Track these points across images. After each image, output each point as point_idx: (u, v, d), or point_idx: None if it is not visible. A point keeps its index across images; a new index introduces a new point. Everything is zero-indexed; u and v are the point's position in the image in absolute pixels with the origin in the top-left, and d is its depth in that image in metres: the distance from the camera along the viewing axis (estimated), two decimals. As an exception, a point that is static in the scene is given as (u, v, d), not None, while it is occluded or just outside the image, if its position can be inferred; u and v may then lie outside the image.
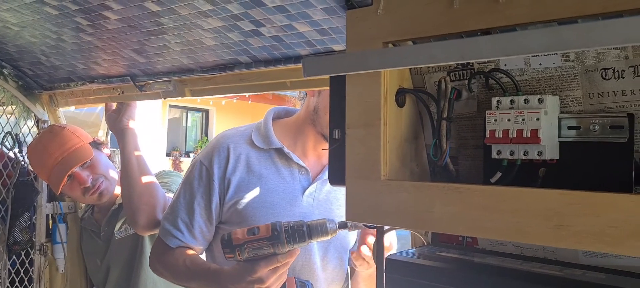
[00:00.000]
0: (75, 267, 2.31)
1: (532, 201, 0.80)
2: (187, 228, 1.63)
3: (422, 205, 0.91)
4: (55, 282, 2.31)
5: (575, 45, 0.58)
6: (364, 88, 0.99)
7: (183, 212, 1.63)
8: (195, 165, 1.66)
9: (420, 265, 0.99)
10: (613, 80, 0.93)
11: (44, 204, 2.23)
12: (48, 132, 2.03)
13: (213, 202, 1.60)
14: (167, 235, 1.65)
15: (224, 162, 1.60)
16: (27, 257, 2.23)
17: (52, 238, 2.26)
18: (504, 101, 0.99)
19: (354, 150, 1.01)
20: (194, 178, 1.64)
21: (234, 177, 1.59)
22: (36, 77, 2.07)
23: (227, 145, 1.62)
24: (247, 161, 1.61)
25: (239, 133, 1.66)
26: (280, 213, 1.57)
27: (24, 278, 2.23)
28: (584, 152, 0.96)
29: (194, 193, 1.62)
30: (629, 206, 0.72)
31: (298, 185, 1.61)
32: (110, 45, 1.55)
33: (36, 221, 2.22)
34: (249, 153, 1.62)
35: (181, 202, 1.65)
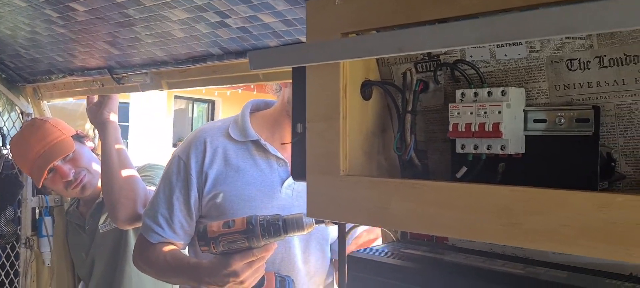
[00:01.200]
0: (62, 261, 2.30)
1: (485, 198, 0.77)
2: (167, 223, 1.61)
3: (379, 201, 0.89)
4: (42, 275, 2.30)
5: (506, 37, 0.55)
6: (323, 81, 0.96)
7: (163, 207, 1.62)
8: (174, 159, 1.64)
9: (380, 263, 0.96)
10: (579, 72, 0.90)
11: (29, 197, 2.22)
12: (30, 126, 2.02)
13: (191, 196, 1.59)
14: (147, 230, 1.64)
15: (201, 156, 1.58)
16: (13, 250, 2.22)
17: (38, 231, 2.25)
18: (468, 93, 0.95)
19: (313, 145, 0.98)
20: (172, 173, 1.62)
21: (211, 170, 1.57)
22: (18, 70, 2.06)
23: (204, 138, 1.60)
24: (224, 154, 1.59)
25: (216, 126, 1.64)
26: (259, 206, 1.55)
27: (10, 272, 2.23)
28: (550, 146, 0.93)
29: (173, 188, 1.60)
30: (582, 204, 0.69)
31: (276, 177, 1.58)
32: (83, 37, 1.52)
33: (21, 215, 2.21)
34: (227, 146, 1.59)
35: (161, 197, 1.63)
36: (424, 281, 0.91)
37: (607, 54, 0.86)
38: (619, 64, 0.86)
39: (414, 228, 0.87)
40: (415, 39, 0.60)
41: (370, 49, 0.64)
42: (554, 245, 0.71)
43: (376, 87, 1.10)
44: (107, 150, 1.85)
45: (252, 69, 0.77)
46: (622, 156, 0.90)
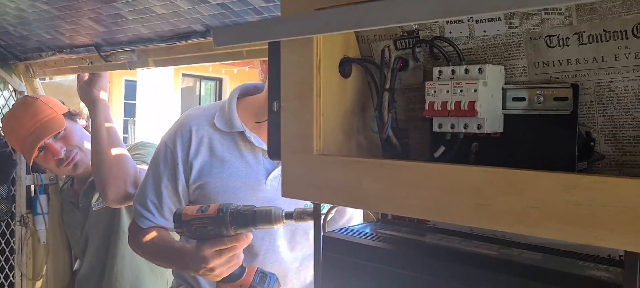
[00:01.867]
0: (57, 239, 2.32)
1: (456, 178, 0.75)
2: (157, 209, 1.61)
3: (352, 181, 0.87)
4: (38, 253, 2.32)
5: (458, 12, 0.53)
6: (296, 58, 0.94)
7: (152, 194, 1.62)
8: (161, 146, 1.63)
9: (355, 243, 0.95)
10: (558, 48, 0.87)
11: (23, 176, 2.23)
12: (21, 104, 2.01)
13: (179, 184, 1.58)
14: (138, 216, 1.65)
15: (187, 145, 1.56)
16: (8, 228, 2.23)
17: (33, 209, 2.26)
18: (445, 71, 0.93)
19: (287, 123, 0.97)
20: (160, 160, 1.61)
21: (196, 160, 1.56)
22: (10, 48, 2.05)
23: (190, 127, 1.57)
24: (209, 144, 1.56)
25: (203, 114, 1.61)
26: (243, 198, 1.54)
27: (5, 249, 2.24)
28: (529, 125, 0.91)
29: (161, 176, 1.60)
30: (550, 185, 0.67)
31: (262, 169, 1.56)
32: (68, 13, 1.51)
33: (16, 192, 2.22)
34: (212, 135, 1.57)
35: (150, 184, 1.63)
36: (396, 262, 0.90)
37: (586, 30, 0.83)
38: (599, 40, 0.83)
39: (385, 209, 0.86)
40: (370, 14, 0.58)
41: (326, 25, 0.62)
42: (522, 227, 0.69)
43: (356, 64, 1.08)
44: (96, 128, 1.84)
45: (216, 46, 0.75)
46: (602, 136, 0.87)
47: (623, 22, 0.80)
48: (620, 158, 0.87)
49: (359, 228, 1.06)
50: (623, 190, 0.62)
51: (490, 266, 0.82)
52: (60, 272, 2.34)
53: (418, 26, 0.98)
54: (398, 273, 0.90)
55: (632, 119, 0.84)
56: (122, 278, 2.05)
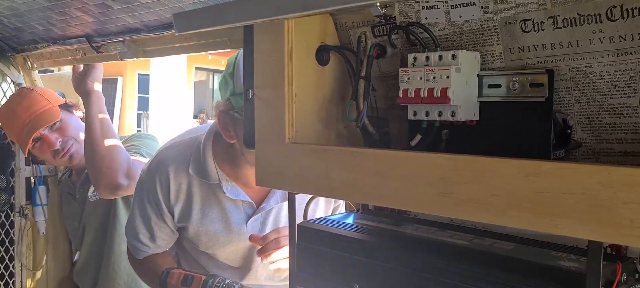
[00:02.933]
0: (57, 230, 2.33)
1: (421, 167, 0.73)
2: (150, 240, 1.62)
3: (322, 170, 0.86)
4: (38, 243, 2.34)
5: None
6: (267, 45, 0.92)
7: (143, 229, 1.61)
8: (144, 185, 1.60)
9: (327, 233, 0.93)
10: (533, 33, 0.85)
11: (22, 167, 2.24)
12: (17, 95, 2.02)
13: (167, 221, 1.58)
14: (133, 249, 1.66)
15: (167, 191, 1.54)
16: (7, 219, 2.25)
17: (33, 200, 2.28)
18: (419, 57, 0.91)
19: (261, 112, 0.95)
20: (145, 200, 1.59)
21: (176, 206, 1.55)
22: (6, 40, 2.05)
23: (168, 172, 1.54)
24: (188, 191, 1.54)
25: (180, 157, 1.55)
26: (224, 241, 1.54)
27: (5, 240, 2.26)
28: (505, 113, 0.89)
29: (149, 215, 1.59)
30: (511, 172, 0.65)
31: (242, 215, 1.54)
32: (56, 4, 1.51)
33: (15, 184, 2.24)
34: (190, 182, 1.53)
35: (139, 220, 1.62)
36: (368, 252, 0.88)
37: (560, 14, 0.81)
38: (573, 24, 0.80)
39: (354, 198, 0.84)
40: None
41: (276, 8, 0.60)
42: (484, 216, 0.67)
43: (335, 52, 1.06)
44: (90, 119, 1.85)
45: (177, 32, 0.74)
46: (578, 123, 0.85)
47: (596, 5, 0.77)
48: (597, 146, 0.84)
49: (337, 218, 1.05)
50: (583, 176, 0.60)
51: (459, 257, 0.80)
52: (60, 262, 2.36)
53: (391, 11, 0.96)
54: (369, 263, 0.89)
55: (608, 106, 0.81)
56: (119, 268, 2.05)
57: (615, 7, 0.76)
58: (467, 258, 0.78)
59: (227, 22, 0.71)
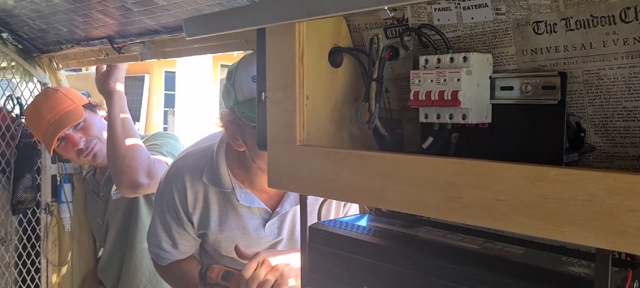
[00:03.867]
0: (82, 226, 2.38)
1: (428, 170, 0.73)
2: (173, 247, 1.64)
3: (331, 172, 0.86)
4: (64, 239, 2.39)
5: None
6: (279, 48, 0.93)
7: (165, 237, 1.63)
8: (162, 196, 1.62)
9: (337, 235, 0.94)
10: (545, 35, 0.83)
11: (48, 165, 2.29)
12: (42, 95, 2.07)
13: (187, 229, 1.60)
14: (156, 257, 1.69)
15: (184, 200, 1.56)
16: (34, 215, 2.31)
17: (58, 198, 2.33)
18: (430, 60, 0.91)
19: (272, 114, 0.96)
20: (165, 210, 1.61)
21: (194, 215, 1.57)
22: (32, 41, 2.11)
23: (184, 182, 1.56)
24: (205, 199, 1.56)
25: (195, 166, 1.57)
26: (244, 246, 1.53)
27: (31, 236, 2.32)
28: (517, 115, 0.88)
29: (169, 224, 1.61)
30: (516, 177, 0.64)
31: (258, 220, 1.56)
32: (78, 6, 1.54)
33: (41, 181, 2.29)
34: (207, 190, 1.55)
35: (160, 229, 1.64)
36: (378, 255, 0.88)
37: (573, 16, 0.80)
38: (586, 26, 0.79)
39: (362, 201, 0.84)
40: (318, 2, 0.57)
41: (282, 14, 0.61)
42: (490, 221, 0.67)
43: (347, 54, 1.06)
44: (112, 119, 1.88)
45: (187, 37, 0.75)
46: (592, 126, 0.84)
47: (610, 6, 0.76)
48: (611, 150, 0.83)
49: (350, 220, 1.05)
50: (588, 183, 0.59)
51: (468, 261, 0.80)
52: (84, 258, 2.41)
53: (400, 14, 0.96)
54: (380, 266, 0.89)
55: (622, 109, 0.80)
56: (141, 265, 2.09)
57: (630, 8, 0.75)
58: (477, 262, 0.77)
59: (233, 27, 0.71)
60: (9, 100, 2.23)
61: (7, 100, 2.23)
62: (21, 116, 2.22)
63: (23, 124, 2.20)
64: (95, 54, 1.92)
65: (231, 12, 0.72)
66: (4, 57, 2.16)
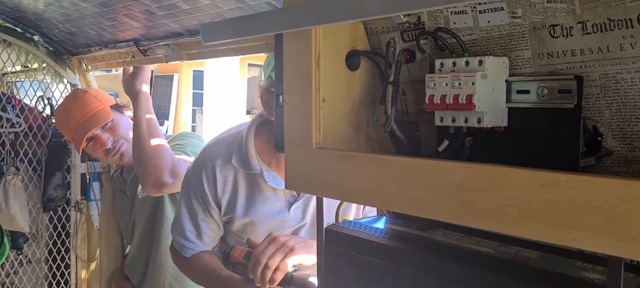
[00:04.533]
0: (110, 223, 2.44)
1: (439, 174, 0.73)
2: (197, 238, 1.66)
3: (346, 175, 0.87)
4: (92, 236, 2.45)
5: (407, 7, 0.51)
6: (295, 52, 0.94)
7: (190, 225, 1.65)
8: (190, 183, 1.65)
9: (354, 237, 0.95)
10: (562, 39, 0.83)
11: (78, 164, 2.36)
12: (71, 96, 2.13)
13: (213, 215, 1.63)
14: (179, 246, 1.70)
15: (213, 184, 1.58)
16: (64, 213, 2.37)
17: (87, 195, 2.39)
18: (446, 63, 0.91)
19: (289, 117, 0.98)
20: (192, 196, 1.64)
21: (223, 199, 1.59)
22: (62, 43, 2.16)
23: (214, 166, 1.58)
24: (234, 183, 1.58)
25: (224, 151, 1.60)
26: (268, 229, 1.55)
27: (62, 233, 2.38)
28: (534, 119, 0.87)
29: (195, 211, 1.63)
30: (526, 182, 0.64)
31: (283, 203, 1.57)
32: (105, 11, 1.58)
33: (71, 180, 2.35)
34: (236, 174, 1.58)
35: (185, 217, 1.66)
36: (392, 257, 0.89)
37: (590, 19, 0.79)
38: (603, 29, 0.78)
39: (376, 204, 0.85)
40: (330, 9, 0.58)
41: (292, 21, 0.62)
42: (501, 226, 0.67)
43: (365, 57, 1.07)
44: (137, 120, 1.92)
45: (204, 42, 0.77)
46: (609, 130, 0.83)
47: (627, 9, 0.75)
48: (629, 154, 0.82)
49: (367, 222, 1.06)
50: (600, 189, 0.59)
51: (482, 265, 0.80)
52: (112, 255, 2.47)
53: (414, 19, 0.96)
54: (395, 268, 0.89)
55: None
56: (166, 263, 2.13)
57: (647, 11, 0.74)
58: (490, 266, 0.77)
59: (247, 33, 0.73)
60: (40, 101, 2.29)
61: (38, 100, 2.30)
62: (52, 116, 2.28)
63: (54, 124, 2.26)
64: (122, 56, 1.96)
65: (245, 19, 0.73)
66: (36, 59, 2.22)
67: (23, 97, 2.33)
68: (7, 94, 2.26)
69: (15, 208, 2.13)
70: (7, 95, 2.25)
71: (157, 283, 2.15)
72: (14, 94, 2.41)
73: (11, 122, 2.18)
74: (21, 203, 2.16)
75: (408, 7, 0.51)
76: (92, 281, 2.48)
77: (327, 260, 0.98)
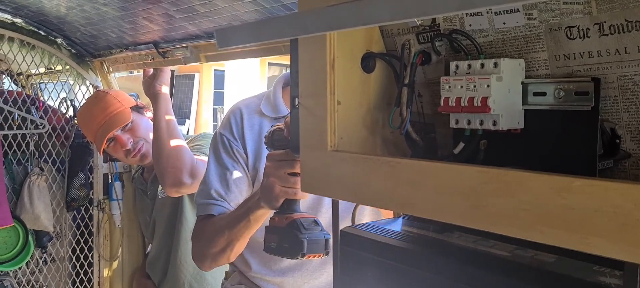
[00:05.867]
0: (132, 223, 2.48)
1: (453, 178, 0.73)
2: (225, 191, 1.57)
3: (361, 178, 0.87)
4: (114, 235, 2.49)
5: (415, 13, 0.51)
6: (310, 55, 0.95)
7: (216, 183, 1.58)
8: (217, 138, 1.62)
9: (368, 240, 0.95)
10: (578, 40, 0.82)
11: (100, 164, 2.40)
12: (93, 98, 2.16)
13: (241, 162, 1.58)
14: (202, 208, 1.58)
15: (240, 127, 1.57)
16: (87, 212, 2.41)
17: (109, 195, 2.43)
18: (461, 66, 0.90)
19: (305, 120, 0.98)
20: (220, 148, 1.60)
21: (248, 144, 1.57)
22: (84, 46, 2.20)
23: (242, 112, 1.59)
24: (259, 129, 1.58)
25: (252, 102, 1.62)
26: None
27: (85, 232, 2.42)
28: (550, 122, 0.87)
29: (224, 163, 1.58)
30: (539, 186, 0.64)
31: None
32: (125, 14, 1.60)
33: (93, 179, 2.39)
34: (261, 122, 1.58)
35: (213, 175, 1.59)
36: (408, 260, 0.89)
37: (607, 20, 0.78)
38: (621, 31, 0.77)
39: (390, 206, 0.85)
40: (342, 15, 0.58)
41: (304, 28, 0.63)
42: (515, 230, 0.67)
43: (380, 59, 1.07)
44: (157, 120, 1.95)
45: (218, 47, 0.78)
46: (627, 132, 0.82)
47: (645, 11, 0.74)
48: (647, 157, 0.81)
49: (383, 224, 1.06)
50: (614, 194, 0.58)
51: (498, 269, 0.79)
52: (134, 253, 2.51)
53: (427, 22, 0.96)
54: (411, 271, 0.90)
55: (658, 115, 0.78)
56: (186, 262, 2.16)
57: (666, 12, 0.73)
58: (507, 270, 0.77)
59: (261, 38, 0.74)
60: (64, 102, 2.34)
61: (61, 102, 2.34)
62: (74, 117, 2.32)
63: (76, 125, 2.31)
64: (142, 58, 1.99)
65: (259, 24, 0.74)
66: (59, 61, 2.26)
67: (47, 98, 2.37)
68: (31, 96, 2.30)
69: (40, 208, 2.17)
70: (32, 97, 2.29)
71: (177, 282, 2.17)
72: (38, 95, 2.45)
73: (36, 123, 2.22)
74: (45, 203, 2.21)
75: (419, 13, 0.51)
76: (115, 279, 2.52)
77: (342, 262, 0.99)
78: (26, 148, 2.23)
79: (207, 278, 2.16)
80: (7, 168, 2.19)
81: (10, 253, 2.17)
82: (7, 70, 2.68)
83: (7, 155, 2.19)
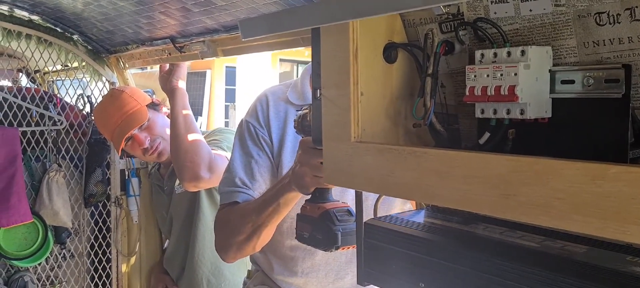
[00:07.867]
0: (149, 218, 2.49)
1: (481, 167, 0.72)
2: (249, 179, 1.53)
3: (385, 169, 0.86)
4: (132, 231, 2.50)
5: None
6: (333, 45, 0.94)
7: (241, 171, 1.54)
8: (243, 126, 1.60)
9: (394, 232, 0.94)
10: (608, 26, 0.80)
11: (117, 160, 2.41)
12: (109, 97, 2.17)
13: (266, 149, 1.55)
14: (226, 196, 1.54)
15: (266, 113, 1.55)
16: (105, 208, 2.43)
17: (126, 191, 2.44)
18: (487, 54, 0.89)
19: (327, 111, 0.97)
20: (246, 135, 1.58)
21: (273, 131, 1.54)
22: (100, 42, 2.21)
23: (268, 99, 1.58)
24: (285, 117, 1.56)
25: (278, 89, 1.61)
26: None
27: (103, 227, 2.44)
28: (579, 110, 0.85)
29: (249, 150, 1.55)
30: (574, 175, 0.62)
31: None
32: (141, 9, 1.60)
33: (111, 176, 2.40)
34: (287, 110, 1.56)
35: (237, 163, 1.56)
36: (434, 252, 0.88)
37: (639, 5, 0.76)
38: (653, 15, 0.75)
39: (416, 197, 0.84)
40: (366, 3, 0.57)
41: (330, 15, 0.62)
42: (547, 219, 0.65)
43: (402, 49, 1.06)
44: (174, 116, 1.95)
45: (243, 38, 0.77)
46: (659, 120, 0.80)
47: (679, -6, 0.72)
48: (680, 146, 0.79)
49: (406, 216, 1.05)
50: (653, 181, 0.57)
51: (528, 260, 0.78)
52: (151, 249, 2.52)
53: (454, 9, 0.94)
54: (436, 263, 0.88)
55: (692, 102, 0.76)
56: (203, 257, 2.16)
57: (700, -5, 0.71)
58: (536, 261, 0.76)
59: (287, 28, 0.73)
60: (80, 99, 2.35)
61: (78, 98, 2.35)
62: (91, 114, 2.33)
63: (93, 121, 2.31)
64: (159, 53, 1.99)
65: (284, 13, 0.73)
66: (75, 58, 2.27)
67: (64, 95, 2.39)
68: (48, 93, 2.32)
69: (59, 204, 2.19)
70: (49, 93, 2.31)
71: (194, 277, 2.18)
72: (55, 92, 2.47)
73: (53, 119, 2.23)
74: (64, 199, 2.22)
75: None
76: (132, 275, 2.53)
77: (367, 254, 0.98)
78: (44, 145, 2.24)
79: (224, 274, 2.16)
80: (26, 165, 2.20)
81: (30, 249, 2.19)
82: (24, 67, 2.70)
83: (26, 152, 2.20)
